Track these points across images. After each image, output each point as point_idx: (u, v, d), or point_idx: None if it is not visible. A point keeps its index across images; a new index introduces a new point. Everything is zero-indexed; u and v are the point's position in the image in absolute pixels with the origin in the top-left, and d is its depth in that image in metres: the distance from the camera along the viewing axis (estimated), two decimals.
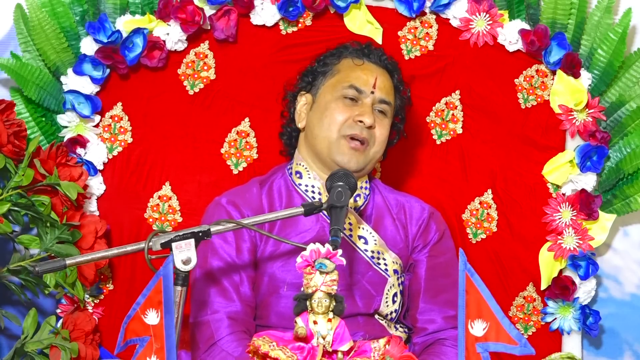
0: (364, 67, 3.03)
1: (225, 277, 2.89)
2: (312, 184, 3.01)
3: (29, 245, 3.07)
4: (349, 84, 2.99)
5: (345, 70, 3.03)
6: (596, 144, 3.28)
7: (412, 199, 3.12)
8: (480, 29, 3.30)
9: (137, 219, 3.30)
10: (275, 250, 2.94)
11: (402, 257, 3.01)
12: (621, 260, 3.44)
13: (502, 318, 2.16)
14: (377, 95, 3.00)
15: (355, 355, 2.50)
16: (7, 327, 3.23)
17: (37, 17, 3.18)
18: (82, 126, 3.26)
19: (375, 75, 3.02)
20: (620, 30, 3.26)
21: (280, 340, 2.49)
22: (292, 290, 2.88)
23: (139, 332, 2.21)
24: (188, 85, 3.32)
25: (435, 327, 2.97)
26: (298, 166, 3.04)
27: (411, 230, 3.05)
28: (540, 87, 3.34)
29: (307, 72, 3.10)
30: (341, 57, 3.07)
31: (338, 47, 3.11)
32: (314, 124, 3.01)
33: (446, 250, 3.08)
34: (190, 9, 3.22)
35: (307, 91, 3.07)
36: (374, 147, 2.99)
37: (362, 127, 2.95)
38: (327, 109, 2.99)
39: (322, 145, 2.98)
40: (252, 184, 3.05)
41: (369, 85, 2.99)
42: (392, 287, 2.97)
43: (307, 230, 2.96)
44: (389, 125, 3.03)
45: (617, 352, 3.46)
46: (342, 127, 2.96)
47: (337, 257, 2.45)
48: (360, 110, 2.96)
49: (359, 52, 3.06)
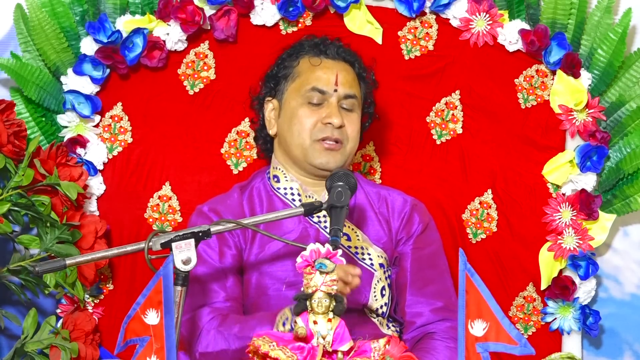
0: (322, 65, 3.01)
1: (210, 279, 2.90)
2: (290, 186, 3.01)
3: (29, 245, 3.07)
4: (310, 87, 2.97)
5: (305, 72, 3.01)
6: (596, 144, 3.28)
7: (395, 192, 3.11)
8: (480, 29, 3.30)
9: (137, 219, 3.30)
10: (261, 253, 2.95)
11: (387, 250, 3.01)
12: (621, 260, 3.44)
13: (502, 318, 2.16)
14: (341, 92, 2.98)
15: (355, 355, 2.50)
16: (7, 327, 3.23)
17: (37, 17, 3.18)
18: (82, 126, 3.26)
19: (335, 71, 3.00)
20: (620, 30, 3.26)
21: (280, 340, 2.49)
22: (288, 289, 2.89)
23: (139, 332, 2.21)
24: (188, 85, 3.32)
25: (423, 320, 2.96)
26: (275, 170, 3.04)
27: (394, 223, 3.04)
28: (540, 87, 3.34)
29: (268, 77, 3.09)
30: (299, 58, 3.04)
31: (294, 46, 3.09)
32: (284, 132, 3.00)
33: (431, 242, 3.06)
34: (190, 9, 3.22)
35: (273, 96, 3.06)
36: (348, 143, 2.98)
37: (332, 128, 2.95)
38: (295, 115, 2.98)
39: (297, 152, 2.98)
40: (233, 191, 3.06)
41: (331, 83, 2.98)
42: (379, 281, 2.97)
43: (290, 231, 2.97)
44: (358, 118, 3.03)
45: (617, 352, 3.46)
46: (312, 132, 2.95)
47: (337, 257, 2.45)
48: (327, 111, 2.95)
49: (316, 50, 3.04)
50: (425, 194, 3.32)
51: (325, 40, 3.07)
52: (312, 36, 3.11)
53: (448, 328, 2.95)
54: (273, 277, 2.93)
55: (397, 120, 3.35)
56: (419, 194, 3.29)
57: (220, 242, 2.93)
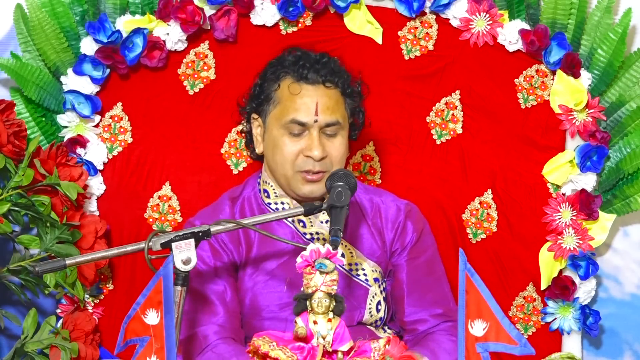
0: (302, 94, 2.89)
1: (208, 291, 2.87)
2: (280, 201, 2.97)
3: (29, 245, 3.07)
4: (290, 119, 2.88)
5: (285, 101, 2.91)
6: (596, 144, 3.28)
7: (388, 198, 3.05)
8: (480, 29, 3.30)
9: (137, 219, 3.30)
10: (255, 272, 2.93)
11: (381, 263, 2.97)
12: (621, 260, 3.44)
13: (502, 318, 2.16)
14: (322, 121, 2.88)
15: (355, 355, 2.50)
16: (7, 327, 3.23)
17: (37, 17, 3.18)
18: (82, 126, 3.26)
19: (315, 99, 2.88)
20: (620, 30, 3.26)
21: (280, 340, 2.50)
22: (290, 291, 2.88)
23: (139, 332, 2.21)
24: (188, 85, 3.32)
25: (425, 327, 2.94)
26: (265, 184, 3.00)
27: (388, 235, 2.99)
28: (540, 87, 3.34)
29: (252, 97, 3.01)
30: (279, 80, 2.93)
31: (276, 62, 2.99)
32: (269, 157, 2.95)
33: (426, 248, 3.03)
34: (190, 9, 3.22)
35: (259, 114, 2.99)
36: (333, 167, 2.90)
37: (314, 162, 2.88)
38: (277, 145, 2.91)
39: (281, 180, 2.94)
40: (223, 202, 3.02)
41: (311, 113, 2.87)
42: (374, 296, 2.95)
43: (282, 248, 2.93)
44: (344, 138, 2.93)
45: (617, 352, 3.46)
46: (294, 163, 2.89)
47: (337, 257, 2.45)
48: (307, 143, 2.88)
49: (296, 74, 2.92)
50: (425, 194, 3.32)
51: (307, 59, 2.94)
52: (295, 49, 3.01)
53: (449, 327, 2.94)
54: (267, 298, 2.91)
55: (397, 120, 3.35)
56: (419, 194, 3.29)
57: (215, 258, 2.90)
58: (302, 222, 2.94)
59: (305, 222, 2.94)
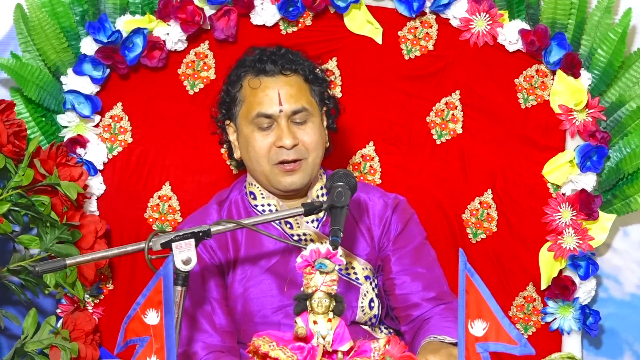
0: (262, 87, 2.88)
1: (197, 310, 2.87)
2: (267, 203, 2.96)
3: (29, 245, 3.07)
4: (256, 113, 2.88)
5: (248, 97, 2.90)
6: (596, 144, 3.28)
7: (376, 195, 3.03)
8: (480, 29, 3.30)
9: (137, 219, 3.31)
10: (244, 278, 2.92)
11: (371, 260, 2.97)
12: (621, 260, 3.44)
13: (502, 318, 2.16)
14: (287, 109, 2.87)
15: (355, 355, 2.50)
16: (7, 327, 3.23)
17: (37, 17, 3.18)
18: (82, 126, 3.26)
19: (276, 89, 2.88)
20: (620, 30, 3.26)
21: (280, 340, 2.49)
22: (282, 294, 2.88)
23: (139, 332, 2.21)
24: (188, 85, 3.32)
25: (419, 312, 2.92)
26: (251, 186, 2.99)
27: (376, 231, 2.99)
28: (540, 87, 3.34)
29: (220, 104, 3.00)
30: (241, 80, 2.93)
31: (237, 64, 2.99)
32: (245, 157, 2.94)
33: (413, 237, 3.00)
34: (190, 9, 3.22)
35: (231, 120, 2.98)
36: (310, 155, 2.90)
37: (286, 151, 2.87)
38: (249, 143, 2.90)
39: (260, 178, 2.93)
40: (210, 206, 3.01)
41: (275, 104, 2.86)
42: (366, 294, 2.94)
43: (271, 251, 2.93)
44: (315, 125, 2.92)
45: (617, 352, 3.46)
46: (269, 157, 2.88)
47: (337, 257, 2.45)
48: (277, 134, 2.87)
49: (255, 70, 2.92)
50: (425, 194, 3.32)
51: (264, 54, 2.94)
52: (254, 48, 3.00)
53: (442, 309, 2.90)
54: (258, 303, 2.90)
55: (397, 120, 3.35)
56: (419, 194, 3.29)
57: (202, 269, 2.89)
58: (289, 223, 2.94)
59: (292, 224, 2.94)
